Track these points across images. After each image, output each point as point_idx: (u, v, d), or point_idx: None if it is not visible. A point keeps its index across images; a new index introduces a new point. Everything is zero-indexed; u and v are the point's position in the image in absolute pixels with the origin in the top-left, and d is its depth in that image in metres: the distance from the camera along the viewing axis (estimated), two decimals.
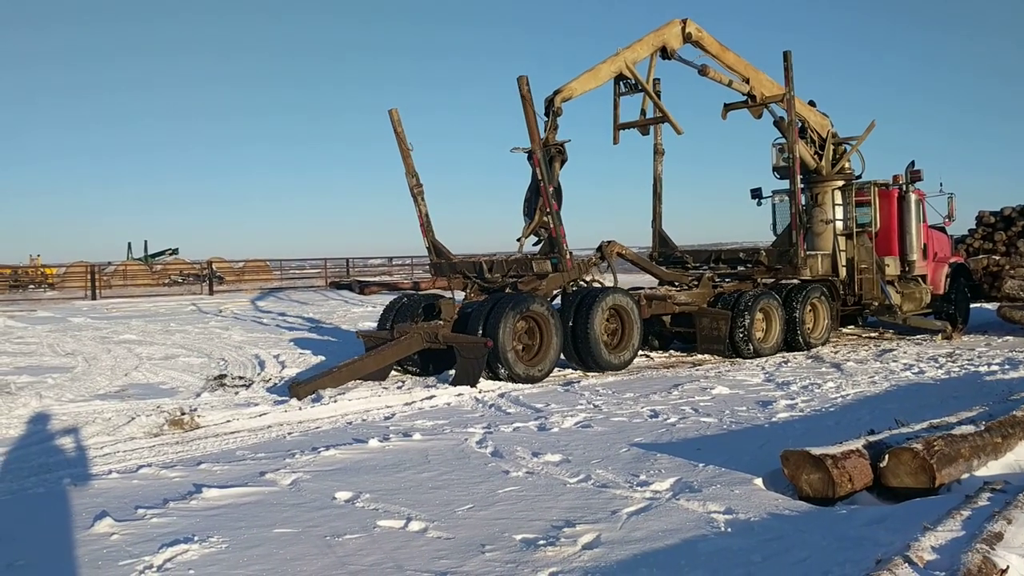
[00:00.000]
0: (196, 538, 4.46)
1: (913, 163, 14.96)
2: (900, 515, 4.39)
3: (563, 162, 11.65)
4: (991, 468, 5.38)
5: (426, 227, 12.55)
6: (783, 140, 14.35)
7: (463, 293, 12.05)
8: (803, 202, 14.21)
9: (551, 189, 11.11)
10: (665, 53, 12.98)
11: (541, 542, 4.33)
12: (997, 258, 20.53)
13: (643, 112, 14.13)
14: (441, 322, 10.58)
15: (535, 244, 12.17)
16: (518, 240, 11.88)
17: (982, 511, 4.00)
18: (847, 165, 15.16)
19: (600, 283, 11.88)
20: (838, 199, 14.87)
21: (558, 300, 11.59)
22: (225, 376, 10.96)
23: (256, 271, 42.45)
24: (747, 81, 13.63)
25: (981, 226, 22.39)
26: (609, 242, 12.37)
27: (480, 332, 10.02)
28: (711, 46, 13.30)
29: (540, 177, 10.98)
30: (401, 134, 12.32)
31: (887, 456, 4.99)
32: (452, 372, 10.26)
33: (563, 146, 11.63)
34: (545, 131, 11.39)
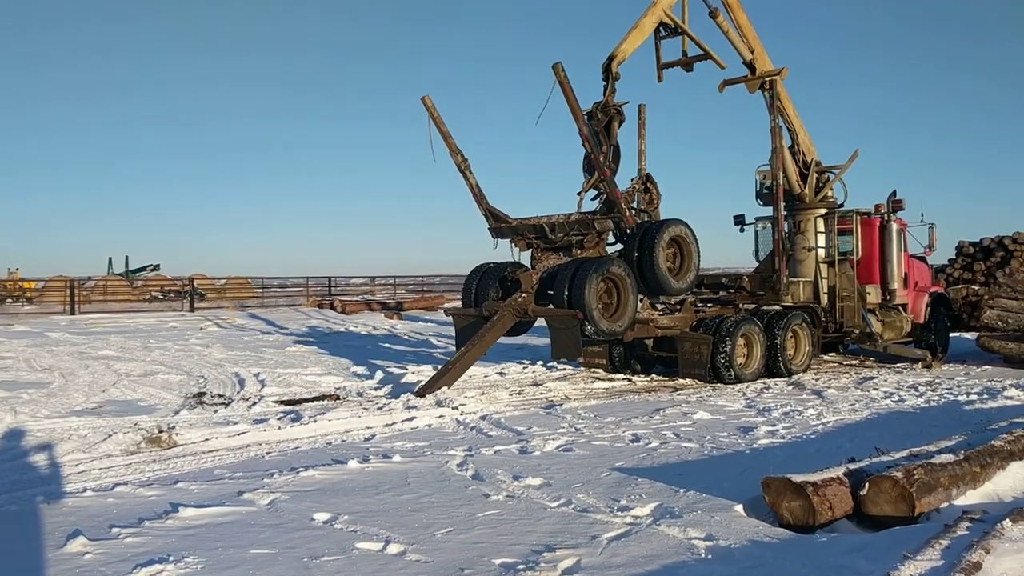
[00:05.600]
0: (171, 558, 4.39)
1: (895, 193, 15.17)
2: (880, 543, 4.39)
3: (621, 122, 12.20)
4: (970, 497, 5.40)
5: (479, 197, 12.81)
6: (767, 167, 14.50)
7: (526, 253, 12.57)
8: (786, 229, 14.34)
9: (608, 149, 11.67)
10: None
11: (520, 567, 4.30)
12: (976, 288, 20.84)
13: (684, 52, 14.42)
14: (523, 295, 11.21)
15: (593, 199, 12.44)
16: (578, 195, 12.30)
17: (961, 540, 4.01)
18: (830, 193, 15.33)
19: (647, 213, 12.44)
20: (821, 227, 15.02)
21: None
22: (204, 394, 10.86)
23: (238, 288, 42.23)
24: (752, 51, 13.87)
25: (961, 256, 22.70)
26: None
27: (566, 297, 10.57)
28: None
29: (589, 149, 11.41)
30: (438, 118, 12.57)
31: (867, 484, 5.00)
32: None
33: (621, 107, 12.11)
34: (604, 94, 11.96)
